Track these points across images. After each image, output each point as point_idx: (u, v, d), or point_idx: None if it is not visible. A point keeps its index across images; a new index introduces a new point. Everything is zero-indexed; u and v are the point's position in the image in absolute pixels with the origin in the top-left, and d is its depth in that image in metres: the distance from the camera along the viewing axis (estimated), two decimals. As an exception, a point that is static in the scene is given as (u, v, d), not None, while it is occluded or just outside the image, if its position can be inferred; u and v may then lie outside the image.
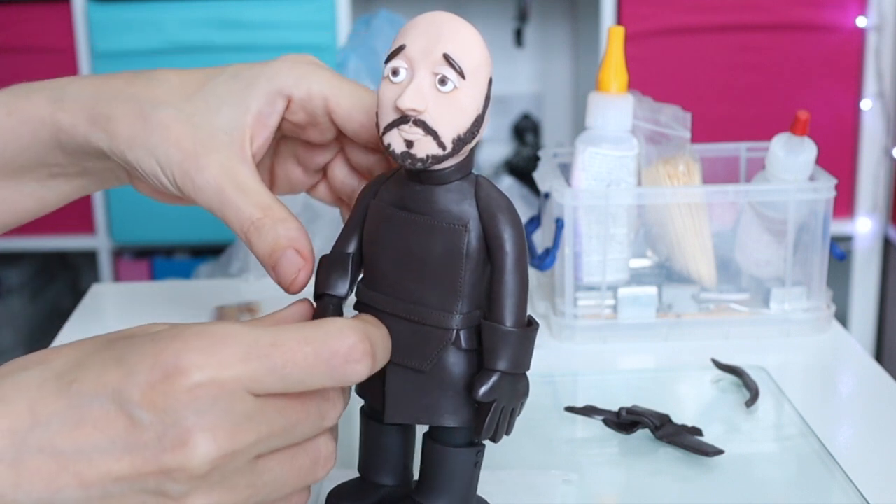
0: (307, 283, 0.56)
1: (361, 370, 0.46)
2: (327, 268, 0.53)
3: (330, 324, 0.46)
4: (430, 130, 0.47)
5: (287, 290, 0.56)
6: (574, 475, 0.65)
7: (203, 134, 0.57)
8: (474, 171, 0.51)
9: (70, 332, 0.89)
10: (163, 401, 0.42)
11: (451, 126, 0.47)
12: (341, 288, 0.53)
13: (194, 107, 0.58)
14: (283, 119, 0.60)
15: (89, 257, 2.19)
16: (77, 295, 2.24)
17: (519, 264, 0.49)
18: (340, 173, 0.63)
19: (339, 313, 0.53)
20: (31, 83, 0.63)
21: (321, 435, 0.48)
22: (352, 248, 0.53)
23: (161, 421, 0.42)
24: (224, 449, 0.43)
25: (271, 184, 0.65)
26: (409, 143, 0.47)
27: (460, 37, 0.47)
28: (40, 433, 0.43)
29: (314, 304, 0.53)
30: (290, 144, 0.64)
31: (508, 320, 0.49)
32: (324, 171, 0.65)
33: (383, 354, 0.48)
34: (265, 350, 0.44)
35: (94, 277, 2.20)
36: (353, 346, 0.45)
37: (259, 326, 0.45)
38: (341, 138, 0.62)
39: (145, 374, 0.43)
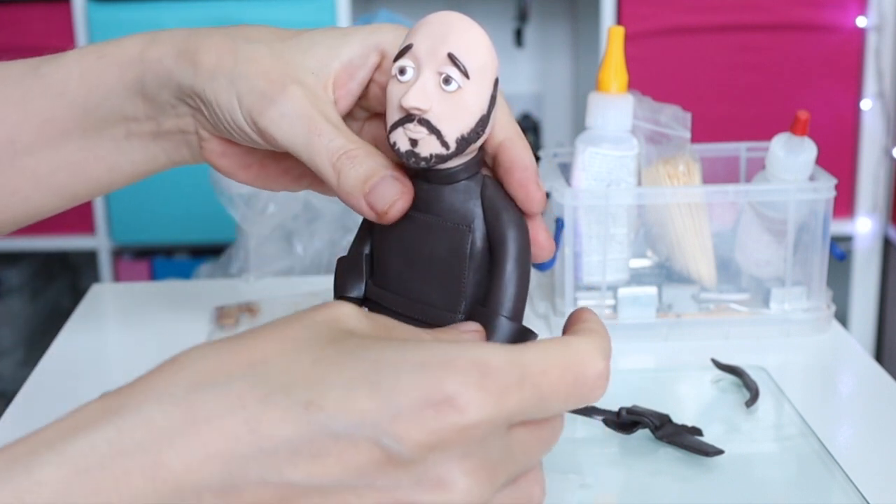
0: (402, 214, 0.50)
1: (600, 395, 0.42)
2: (343, 270, 0.53)
3: (583, 345, 0.42)
4: (433, 129, 0.47)
5: (381, 217, 0.50)
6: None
7: (290, 69, 0.55)
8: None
9: (70, 332, 0.89)
10: (431, 439, 0.37)
11: (454, 126, 0.47)
12: (357, 290, 0.53)
13: (286, 46, 0.56)
14: (371, 82, 0.57)
15: (89, 257, 2.19)
16: (77, 295, 2.24)
17: (519, 263, 0.49)
18: None
19: None
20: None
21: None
22: (367, 248, 0.53)
23: (424, 459, 0.38)
24: (481, 492, 0.39)
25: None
26: (414, 142, 0.47)
27: (467, 37, 0.47)
28: (266, 461, 0.37)
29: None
30: (372, 129, 0.61)
31: (504, 311, 0.49)
32: None
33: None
34: (537, 379, 0.40)
35: (94, 277, 2.20)
36: (601, 373, 0.42)
37: (516, 350, 0.40)
38: None
39: (413, 408, 0.37)
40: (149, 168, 0.64)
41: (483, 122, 0.48)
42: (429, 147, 0.47)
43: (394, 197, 0.49)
